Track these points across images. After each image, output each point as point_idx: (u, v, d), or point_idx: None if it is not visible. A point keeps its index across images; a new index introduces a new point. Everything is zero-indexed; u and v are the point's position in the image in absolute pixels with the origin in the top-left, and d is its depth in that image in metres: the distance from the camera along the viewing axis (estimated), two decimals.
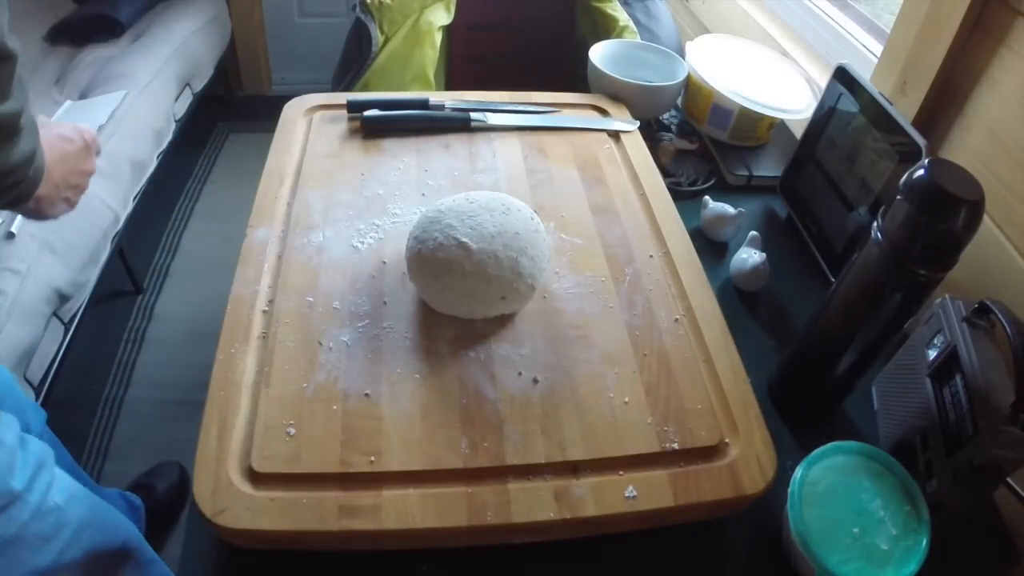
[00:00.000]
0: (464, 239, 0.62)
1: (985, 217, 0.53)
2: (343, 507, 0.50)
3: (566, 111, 0.97)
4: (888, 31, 0.90)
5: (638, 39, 1.21)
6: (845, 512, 0.55)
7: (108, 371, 1.54)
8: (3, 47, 0.52)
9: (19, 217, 1.13)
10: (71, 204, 0.75)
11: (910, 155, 0.72)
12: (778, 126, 1.07)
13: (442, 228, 0.64)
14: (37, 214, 0.71)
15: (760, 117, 0.99)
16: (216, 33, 2.10)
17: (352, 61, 1.21)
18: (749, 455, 0.56)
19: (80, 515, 0.78)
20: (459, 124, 0.90)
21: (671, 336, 0.65)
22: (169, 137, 1.75)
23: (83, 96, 1.62)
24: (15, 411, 0.84)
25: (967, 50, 0.76)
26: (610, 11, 1.27)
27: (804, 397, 0.69)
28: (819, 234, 0.87)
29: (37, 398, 1.16)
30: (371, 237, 0.73)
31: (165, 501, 1.23)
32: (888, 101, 0.78)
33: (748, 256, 0.81)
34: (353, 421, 0.56)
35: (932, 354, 0.63)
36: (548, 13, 1.40)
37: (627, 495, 0.53)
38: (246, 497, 0.50)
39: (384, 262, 0.70)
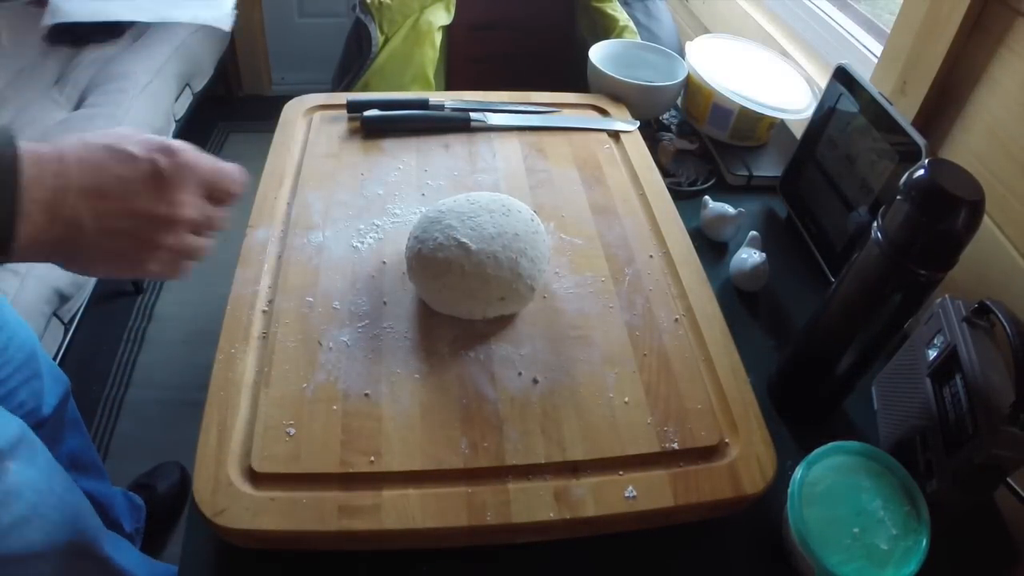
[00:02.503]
0: (464, 239, 0.62)
1: (985, 217, 0.53)
2: (343, 507, 0.50)
3: (566, 111, 0.97)
4: (888, 31, 0.90)
5: (638, 39, 1.21)
6: (845, 512, 0.55)
7: (108, 371, 1.54)
8: None
9: None
10: (133, 264, 0.46)
11: (910, 155, 0.72)
12: (778, 126, 1.07)
13: (442, 228, 0.64)
14: (76, 266, 0.46)
15: (760, 117, 0.99)
16: (216, 33, 2.10)
17: (352, 61, 1.21)
18: (749, 455, 0.56)
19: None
20: (459, 124, 0.90)
21: (671, 336, 0.65)
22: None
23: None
24: (35, 379, 0.80)
25: (967, 50, 0.76)
26: (610, 11, 1.27)
27: (804, 397, 0.69)
28: (819, 234, 0.87)
29: None
30: (371, 237, 0.73)
31: (166, 502, 1.24)
32: (888, 101, 0.78)
33: (748, 256, 0.81)
34: (353, 421, 0.56)
35: (932, 354, 0.63)
36: (548, 13, 1.40)
37: (627, 495, 0.53)
38: (246, 497, 0.50)
39: (384, 262, 0.70)
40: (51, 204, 0.41)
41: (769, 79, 1.04)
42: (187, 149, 0.47)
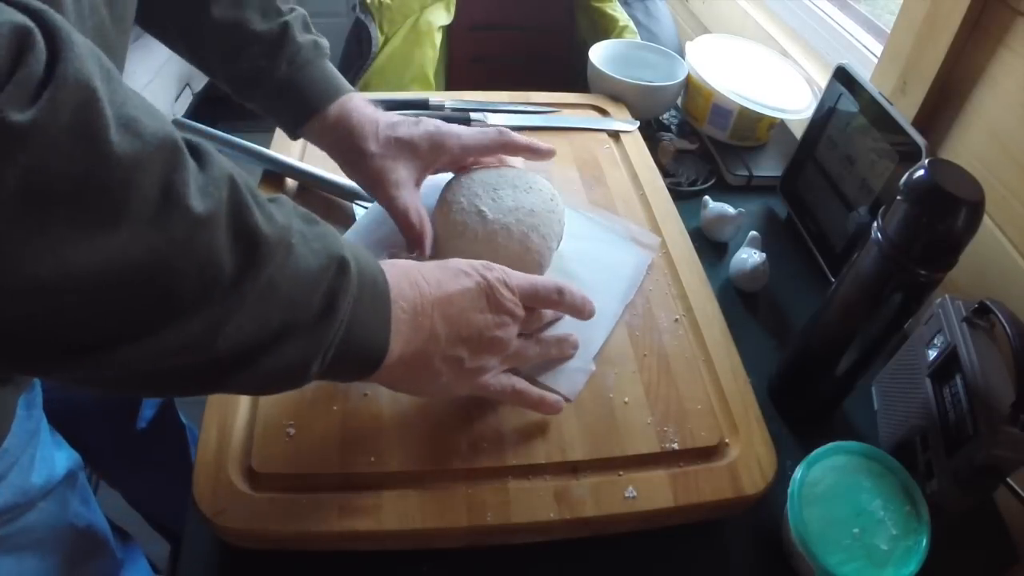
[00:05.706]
0: (483, 208, 0.65)
1: (985, 217, 0.53)
2: (343, 507, 0.50)
3: (566, 111, 0.97)
4: (888, 31, 0.90)
5: (638, 39, 1.21)
6: (845, 512, 0.55)
7: None
8: None
9: None
10: (471, 379, 0.50)
11: (910, 155, 0.72)
12: (778, 126, 1.07)
13: (468, 193, 0.66)
14: (416, 386, 0.49)
15: (760, 117, 0.99)
16: None
17: (352, 61, 1.21)
18: (749, 455, 0.56)
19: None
20: (459, 124, 0.90)
21: (671, 336, 0.65)
22: None
23: None
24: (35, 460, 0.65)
25: (967, 50, 0.76)
26: (610, 11, 1.27)
27: (804, 397, 0.69)
28: (819, 234, 0.87)
29: None
30: None
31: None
32: (888, 101, 0.78)
33: (748, 256, 0.81)
34: (353, 421, 0.56)
35: (932, 354, 0.63)
36: (548, 13, 1.40)
37: (627, 495, 0.53)
38: (246, 497, 0.50)
39: None
40: (413, 315, 0.44)
41: (769, 79, 1.04)
42: (504, 268, 0.52)
